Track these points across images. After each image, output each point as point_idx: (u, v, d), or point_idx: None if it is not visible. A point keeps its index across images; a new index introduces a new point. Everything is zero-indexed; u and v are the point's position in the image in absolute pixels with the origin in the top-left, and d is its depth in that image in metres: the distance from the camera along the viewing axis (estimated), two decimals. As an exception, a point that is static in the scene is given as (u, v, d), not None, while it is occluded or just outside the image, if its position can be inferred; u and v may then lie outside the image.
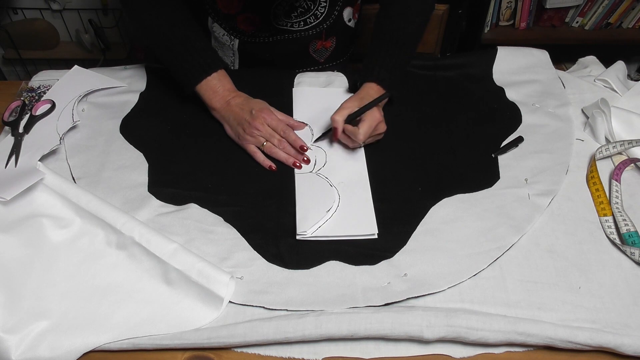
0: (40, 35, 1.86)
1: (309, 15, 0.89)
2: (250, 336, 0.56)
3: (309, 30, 0.91)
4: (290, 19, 0.88)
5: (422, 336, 0.56)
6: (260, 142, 0.76)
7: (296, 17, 0.88)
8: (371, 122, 0.73)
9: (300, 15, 0.88)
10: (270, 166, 0.75)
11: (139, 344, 0.57)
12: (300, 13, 0.88)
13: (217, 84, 0.79)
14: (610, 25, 1.70)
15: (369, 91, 0.78)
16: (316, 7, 0.88)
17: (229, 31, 0.91)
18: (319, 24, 0.91)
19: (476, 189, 0.72)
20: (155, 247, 0.62)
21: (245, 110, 0.77)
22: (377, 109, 0.76)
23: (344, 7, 0.91)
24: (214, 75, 0.79)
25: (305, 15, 0.88)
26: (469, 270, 0.63)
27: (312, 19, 0.90)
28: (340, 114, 0.74)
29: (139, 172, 0.74)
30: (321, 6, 0.89)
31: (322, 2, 0.88)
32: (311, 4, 0.88)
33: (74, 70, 0.88)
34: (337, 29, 0.94)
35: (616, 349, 0.57)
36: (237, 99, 0.79)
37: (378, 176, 0.74)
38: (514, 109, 0.84)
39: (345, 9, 0.92)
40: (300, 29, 0.91)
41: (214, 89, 0.79)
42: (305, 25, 0.90)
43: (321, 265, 0.64)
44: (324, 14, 0.90)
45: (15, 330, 0.57)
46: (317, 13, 0.89)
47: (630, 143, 0.75)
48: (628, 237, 0.65)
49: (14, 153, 0.74)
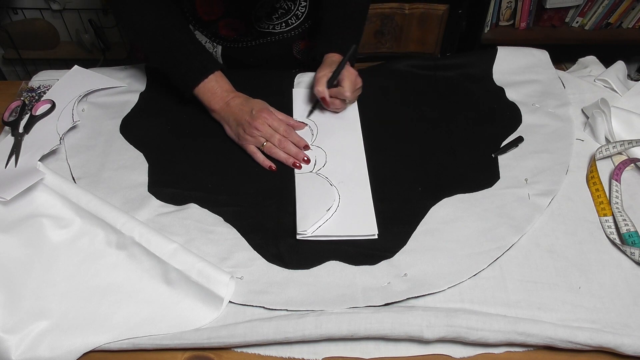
0: (40, 35, 1.86)
1: (290, 16, 0.89)
2: (250, 336, 0.56)
3: (291, 31, 0.92)
4: (271, 21, 0.89)
5: (422, 336, 0.56)
6: (260, 142, 0.76)
7: (277, 18, 0.89)
8: (350, 77, 0.78)
9: (281, 17, 0.88)
10: (270, 166, 0.75)
11: (139, 344, 0.57)
12: (281, 14, 0.88)
13: (215, 85, 0.79)
14: (610, 25, 1.70)
15: (332, 58, 0.81)
16: (296, 8, 0.89)
17: (211, 38, 0.91)
18: (301, 24, 0.92)
19: (476, 189, 0.72)
20: (155, 247, 0.62)
21: (245, 110, 0.77)
22: (348, 66, 0.79)
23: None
24: (211, 77, 0.79)
25: (286, 16, 0.89)
26: (469, 270, 0.63)
27: (293, 19, 0.90)
28: (320, 83, 0.78)
29: (139, 172, 0.74)
30: (301, 6, 0.89)
31: (302, 2, 0.88)
32: (291, 5, 0.88)
33: (74, 70, 0.88)
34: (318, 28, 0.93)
35: (616, 349, 0.57)
36: (236, 99, 0.79)
37: (378, 176, 0.74)
38: (514, 109, 0.84)
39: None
40: (282, 31, 0.91)
41: (212, 90, 0.79)
42: (287, 26, 0.91)
43: (321, 265, 0.64)
44: (304, 14, 0.91)
45: (15, 330, 0.57)
46: (298, 13, 0.90)
47: (630, 143, 0.75)
48: (628, 237, 0.65)
49: (14, 153, 0.74)
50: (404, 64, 0.91)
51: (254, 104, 0.78)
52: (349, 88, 0.77)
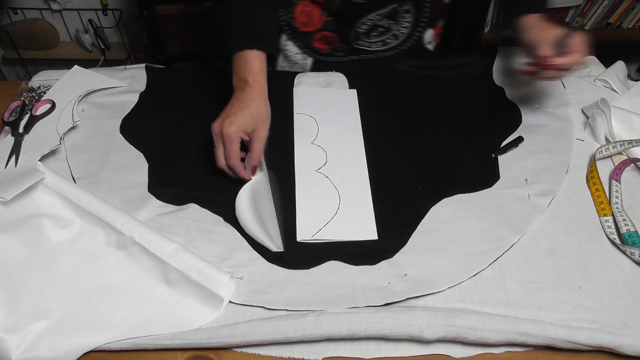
0: (40, 35, 1.86)
1: (388, 36, 0.87)
2: (250, 336, 0.56)
3: (387, 52, 0.90)
4: (369, 39, 0.87)
5: (422, 336, 0.56)
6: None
7: (376, 36, 0.87)
8: (580, 37, 0.71)
9: (379, 35, 0.86)
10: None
11: (139, 344, 0.57)
12: (380, 33, 0.86)
13: (253, 62, 0.72)
14: (610, 25, 1.70)
15: (533, 22, 0.76)
16: (397, 28, 0.86)
17: (304, 49, 0.90)
18: (399, 45, 0.90)
19: (476, 189, 0.72)
20: (155, 247, 0.62)
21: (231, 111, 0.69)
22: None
23: (426, 28, 0.90)
24: (254, 53, 0.72)
25: (384, 35, 0.87)
26: (469, 270, 0.63)
27: (391, 39, 0.88)
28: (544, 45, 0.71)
29: (139, 172, 0.74)
30: (403, 27, 0.87)
31: (404, 23, 0.86)
32: (392, 25, 0.86)
33: (74, 70, 0.88)
34: (416, 51, 0.92)
35: (616, 349, 0.57)
36: (246, 90, 0.71)
37: (378, 176, 0.74)
38: (514, 109, 0.84)
39: (427, 31, 0.91)
40: (377, 49, 0.89)
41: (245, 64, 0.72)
42: (384, 45, 0.89)
43: (321, 265, 0.64)
44: (405, 35, 0.88)
45: (15, 330, 0.57)
46: (398, 34, 0.88)
47: (630, 143, 0.75)
48: (628, 237, 0.65)
49: (14, 153, 0.74)
50: (404, 64, 0.91)
51: (243, 115, 0.69)
52: (581, 48, 0.71)
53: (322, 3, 0.84)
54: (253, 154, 0.70)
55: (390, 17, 0.85)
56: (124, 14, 1.86)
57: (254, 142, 0.70)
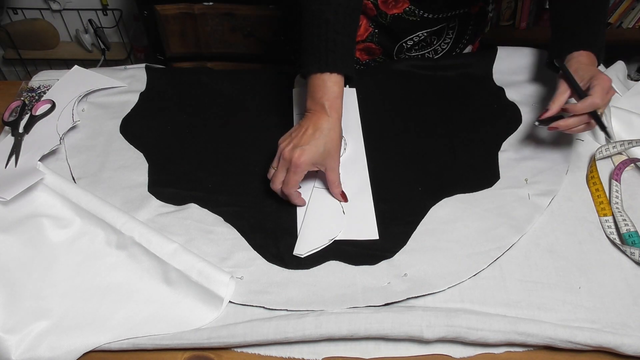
0: (40, 35, 1.86)
1: (429, 50, 0.86)
2: (250, 336, 0.56)
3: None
4: (410, 52, 0.87)
5: (422, 336, 0.56)
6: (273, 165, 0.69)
7: (417, 50, 0.86)
8: (603, 83, 0.65)
9: (420, 49, 0.86)
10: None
11: (139, 344, 0.57)
12: (421, 47, 0.85)
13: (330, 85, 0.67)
14: (610, 25, 1.70)
15: (579, 59, 0.69)
16: (439, 43, 0.86)
17: None
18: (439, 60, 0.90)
19: (476, 189, 0.72)
20: (155, 247, 0.62)
21: (303, 136, 0.66)
22: (600, 70, 0.68)
23: (467, 44, 0.90)
24: (333, 76, 0.67)
25: (425, 49, 0.86)
26: (469, 270, 0.63)
27: (431, 53, 0.88)
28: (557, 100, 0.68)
29: (139, 172, 0.74)
30: (445, 42, 0.86)
31: (447, 39, 0.85)
32: (435, 39, 0.85)
33: (74, 70, 0.88)
34: None
35: (616, 349, 0.57)
36: (320, 118, 0.66)
37: (378, 176, 0.74)
38: (514, 109, 0.84)
39: (467, 47, 0.91)
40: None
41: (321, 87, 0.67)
42: (422, 58, 0.89)
43: (321, 265, 0.64)
44: (445, 50, 0.88)
45: (15, 330, 0.57)
46: (439, 49, 0.87)
47: (630, 143, 0.75)
48: (628, 237, 0.65)
49: (14, 153, 0.74)
50: (404, 64, 0.91)
51: (316, 146, 0.66)
52: (599, 95, 0.64)
53: (372, 16, 0.84)
54: (332, 186, 0.69)
55: (435, 34, 0.85)
56: (124, 14, 1.86)
57: (328, 174, 0.68)
